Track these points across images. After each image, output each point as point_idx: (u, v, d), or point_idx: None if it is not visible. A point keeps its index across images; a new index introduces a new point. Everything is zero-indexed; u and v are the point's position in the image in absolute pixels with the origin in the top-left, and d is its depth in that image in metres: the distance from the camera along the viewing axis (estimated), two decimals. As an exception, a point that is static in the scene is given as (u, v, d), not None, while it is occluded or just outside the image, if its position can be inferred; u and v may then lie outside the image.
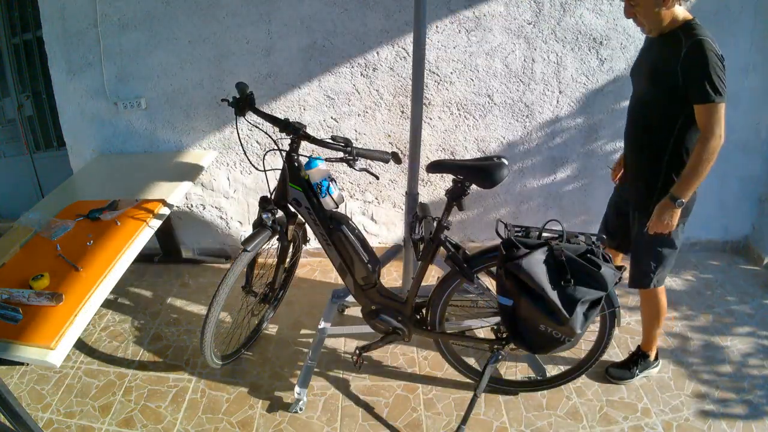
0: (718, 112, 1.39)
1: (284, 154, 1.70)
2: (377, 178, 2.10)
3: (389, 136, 2.45)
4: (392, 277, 2.60)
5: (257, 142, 2.46)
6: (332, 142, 1.59)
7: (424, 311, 1.75)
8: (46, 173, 3.10)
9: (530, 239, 1.43)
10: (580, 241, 1.44)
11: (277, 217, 1.79)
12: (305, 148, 1.72)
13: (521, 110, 2.39)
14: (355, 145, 1.61)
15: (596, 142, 2.48)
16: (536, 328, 1.43)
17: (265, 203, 1.78)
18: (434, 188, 2.57)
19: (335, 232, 1.71)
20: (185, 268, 2.71)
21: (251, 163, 1.83)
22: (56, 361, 1.31)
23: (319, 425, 1.77)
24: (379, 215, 2.65)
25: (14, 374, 1.98)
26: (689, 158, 1.49)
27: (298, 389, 1.81)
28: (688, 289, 2.48)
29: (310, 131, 1.67)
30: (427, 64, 2.01)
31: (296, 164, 1.70)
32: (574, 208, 2.64)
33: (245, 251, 1.71)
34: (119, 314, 2.36)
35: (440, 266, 2.26)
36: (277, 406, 1.85)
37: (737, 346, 2.09)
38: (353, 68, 2.30)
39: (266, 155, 1.80)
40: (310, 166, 1.70)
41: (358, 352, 1.84)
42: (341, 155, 1.61)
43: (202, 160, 2.41)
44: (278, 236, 1.84)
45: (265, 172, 1.79)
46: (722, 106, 1.39)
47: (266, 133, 1.87)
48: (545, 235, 1.46)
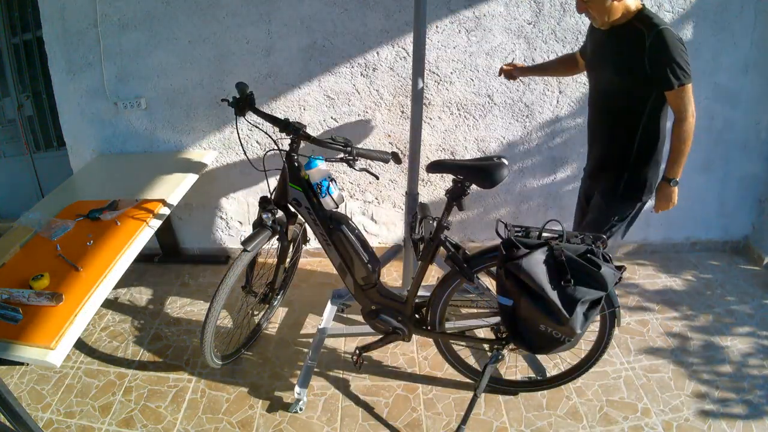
0: (687, 93, 1.49)
1: (284, 154, 1.70)
2: (377, 178, 2.10)
3: (389, 136, 2.45)
4: (392, 277, 2.60)
5: (257, 142, 2.46)
6: (332, 142, 1.59)
7: (424, 311, 1.75)
8: (46, 173, 3.10)
9: (530, 239, 1.43)
10: (580, 241, 1.44)
11: (277, 217, 1.80)
12: (305, 148, 1.72)
13: (521, 110, 2.39)
14: (355, 145, 1.62)
15: (596, 142, 2.48)
16: (536, 328, 1.43)
17: (265, 203, 1.78)
18: (434, 188, 2.57)
19: (335, 232, 1.71)
20: (185, 268, 2.71)
21: (251, 163, 1.83)
22: (56, 361, 1.31)
23: (319, 425, 1.77)
24: (379, 215, 2.65)
25: (14, 374, 1.98)
26: (661, 143, 1.60)
27: (298, 389, 1.81)
28: (688, 289, 2.48)
29: (310, 131, 1.67)
30: (427, 64, 2.02)
31: (296, 164, 1.70)
32: (574, 208, 2.63)
33: (245, 251, 1.71)
34: (119, 314, 2.36)
35: (440, 266, 2.26)
36: (277, 406, 1.85)
37: (737, 346, 2.09)
38: (353, 68, 2.30)
39: (266, 155, 1.80)
40: (310, 166, 1.70)
41: (358, 352, 1.84)
42: (341, 155, 1.61)
43: (202, 160, 2.41)
44: (278, 236, 1.84)
45: (265, 172, 1.79)
46: (690, 86, 1.49)
47: (266, 133, 1.87)
48: (545, 235, 1.46)
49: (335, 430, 1.76)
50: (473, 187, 1.54)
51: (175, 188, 2.11)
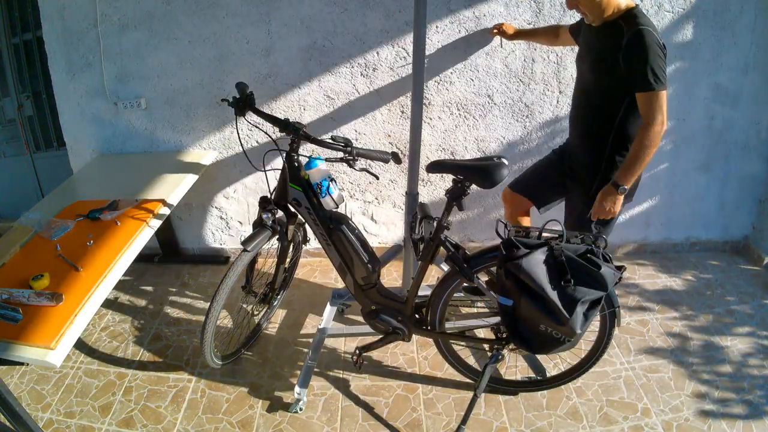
0: (659, 99, 1.45)
1: (284, 154, 1.70)
2: (377, 178, 2.10)
3: (389, 136, 2.45)
4: (392, 277, 2.60)
5: (257, 142, 2.46)
6: (332, 142, 1.59)
7: (424, 311, 1.75)
8: (46, 173, 3.11)
9: (530, 239, 1.43)
10: (580, 241, 1.44)
11: (277, 217, 1.80)
12: (305, 148, 1.71)
13: (521, 110, 2.39)
14: (355, 145, 1.62)
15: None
16: (536, 328, 1.43)
17: (265, 203, 1.78)
18: (434, 188, 2.57)
19: (335, 232, 1.71)
20: (185, 268, 2.71)
21: (251, 163, 1.83)
22: (56, 361, 1.31)
23: (319, 425, 1.77)
24: (379, 215, 2.65)
25: (14, 374, 1.98)
26: (631, 145, 1.55)
27: (298, 389, 1.81)
28: (688, 289, 2.48)
29: (309, 131, 1.67)
30: (427, 63, 2.01)
31: (296, 164, 1.70)
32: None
33: (245, 251, 1.71)
34: (119, 314, 2.36)
35: (440, 266, 2.26)
36: (277, 406, 1.85)
37: (737, 346, 2.09)
38: (353, 68, 2.30)
39: (266, 155, 1.80)
40: (310, 166, 1.70)
41: (358, 352, 1.84)
42: (341, 155, 1.61)
43: (202, 160, 2.41)
44: (278, 236, 1.84)
45: (265, 172, 1.79)
46: (663, 93, 1.45)
47: (266, 133, 1.87)
48: (545, 235, 1.46)
49: (335, 430, 1.76)
50: (473, 187, 1.54)
51: (175, 188, 2.11)
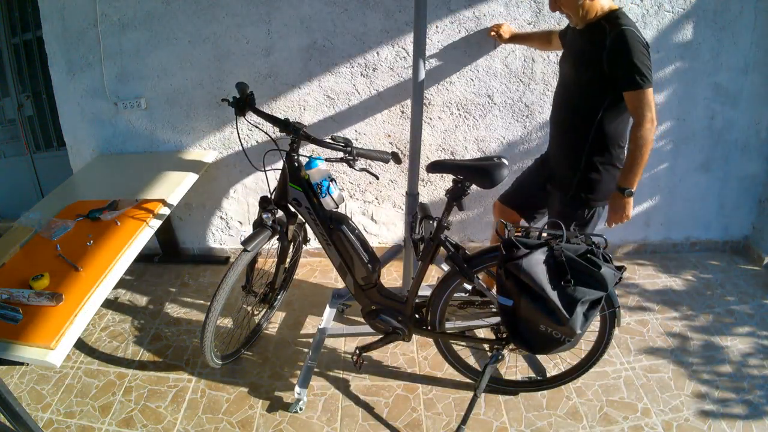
0: (646, 97, 1.46)
1: (284, 154, 1.70)
2: (377, 178, 2.10)
3: (389, 136, 2.45)
4: (392, 277, 2.60)
5: (257, 141, 2.46)
6: (332, 142, 1.59)
7: (424, 311, 1.75)
8: (46, 173, 3.11)
9: (530, 239, 1.43)
10: (580, 241, 1.44)
11: (277, 217, 1.80)
12: (305, 148, 1.71)
13: (521, 110, 2.39)
14: (355, 145, 1.62)
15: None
16: (536, 328, 1.43)
17: (265, 203, 1.78)
18: (434, 188, 2.57)
19: (335, 232, 1.71)
20: (185, 268, 2.71)
21: (251, 163, 1.83)
22: (56, 361, 1.31)
23: (319, 425, 1.77)
24: (379, 215, 2.65)
25: (14, 374, 1.98)
26: (617, 148, 1.57)
27: (298, 389, 1.81)
28: (688, 289, 2.48)
29: (309, 131, 1.67)
30: (426, 63, 2.01)
31: (296, 164, 1.70)
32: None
33: (245, 251, 1.71)
34: (119, 314, 2.36)
35: (440, 266, 2.26)
36: (277, 406, 1.85)
37: (737, 346, 2.09)
38: (353, 68, 2.30)
39: (266, 155, 1.80)
40: (310, 166, 1.70)
41: (358, 352, 1.84)
42: (341, 155, 1.61)
43: (202, 160, 2.41)
44: (278, 236, 1.84)
45: (265, 172, 1.79)
46: (650, 91, 1.46)
47: (266, 133, 1.87)
48: (545, 235, 1.46)
49: (335, 430, 1.76)
50: (473, 187, 1.54)
51: (175, 188, 2.11)
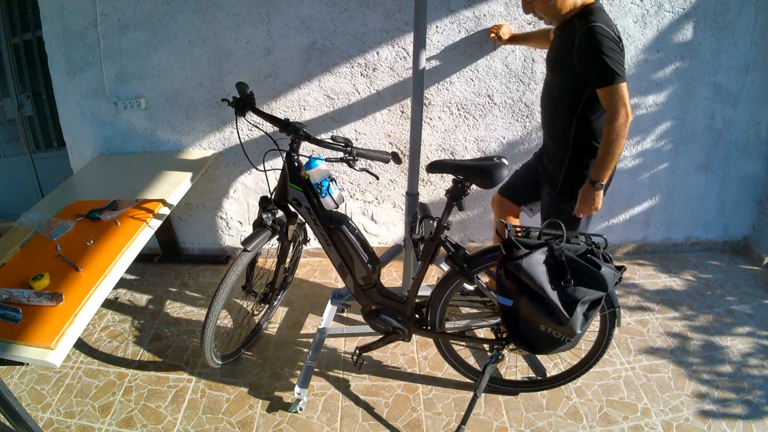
0: (619, 92, 1.45)
1: (284, 154, 1.70)
2: (377, 178, 2.10)
3: (389, 136, 2.45)
4: (392, 277, 2.60)
5: (257, 142, 2.46)
6: (332, 142, 1.59)
7: (424, 311, 1.75)
8: (46, 173, 3.11)
9: (530, 239, 1.43)
10: (580, 241, 1.44)
11: (277, 217, 1.80)
12: (305, 148, 1.71)
13: (521, 110, 2.38)
14: (355, 145, 1.62)
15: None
16: (536, 328, 1.43)
17: (265, 203, 1.79)
18: (434, 188, 2.57)
19: (335, 232, 1.71)
20: (185, 268, 2.71)
21: (251, 163, 1.83)
22: (56, 361, 1.31)
23: (319, 425, 1.77)
24: (379, 215, 2.65)
25: (14, 374, 1.98)
26: (599, 140, 1.56)
27: (298, 389, 1.81)
28: (688, 289, 2.48)
29: (309, 131, 1.67)
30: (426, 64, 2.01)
31: (296, 164, 1.70)
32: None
33: (245, 251, 1.71)
34: (119, 314, 2.36)
35: (440, 266, 2.26)
36: (277, 406, 1.85)
37: (737, 346, 2.09)
38: (353, 68, 2.30)
39: (266, 155, 1.80)
40: (310, 166, 1.70)
41: (358, 352, 1.84)
42: (341, 155, 1.61)
43: (202, 160, 2.41)
44: (278, 236, 1.84)
45: (265, 172, 1.79)
46: (622, 86, 1.45)
47: (266, 133, 1.87)
48: (545, 234, 1.46)
49: (335, 430, 1.76)
50: (473, 187, 1.54)
51: (175, 188, 2.11)
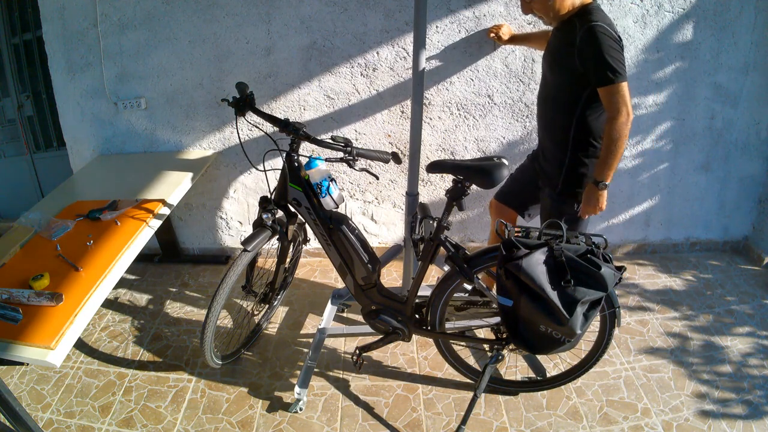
0: (620, 91, 1.45)
1: (284, 154, 1.70)
2: (377, 178, 2.10)
3: (389, 136, 2.45)
4: (392, 277, 2.60)
5: (257, 142, 2.46)
6: (332, 142, 1.59)
7: (424, 311, 1.75)
8: (46, 173, 3.10)
9: (530, 239, 1.43)
10: (580, 241, 1.44)
11: (277, 217, 1.80)
12: (305, 148, 1.71)
13: (521, 110, 2.38)
14: (354, 145, 1.62)
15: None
16: (536, 328, 1.43)
17: (265, 203, 1.79)
18: (434, 188, 2.57)
19: (335, 232, 1.71)
20: (185, 268, 2.71)
21: (251, 163, 1.83)
22: (56, 361, 1.31)
23: (319, 425, 1.77)
24: (379, 215, 2.65)
25: (14, 374, 1.98)
26: (601, 140, 1.56)
27: (298, 389, 1.81)
28: (688, 289, 2.48)
29: (309, 131, 1.67)
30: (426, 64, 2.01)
31: (296, 164, 1.70)
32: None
33: (245, 251, 1.71)
34: (119, 314, 2.36)
35: (440, 266, 2.26)
36: (277, 406, 1.85)
37: (737, 346, 2.09)
38: (353, 68, 2.30)
39: (266, 155, 1.80)
40: (310, 166, 1.70)
41: (358, 352, 1.84)
42: (341, 155, 1.61)
43: (202, 160, 2.41)
44: (278, 236, 1.84)
45: (265, 172, 1.79)
46: (624, 85, 1.45)
47: (266, 133, 1.87)
48: (545, 235, 1.46)
49: (335, 430, 1.76)
50: (473, 187, 1.54)
51: (175, 188, 2.11)
